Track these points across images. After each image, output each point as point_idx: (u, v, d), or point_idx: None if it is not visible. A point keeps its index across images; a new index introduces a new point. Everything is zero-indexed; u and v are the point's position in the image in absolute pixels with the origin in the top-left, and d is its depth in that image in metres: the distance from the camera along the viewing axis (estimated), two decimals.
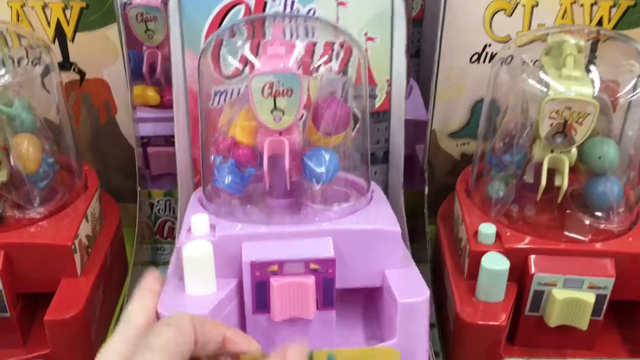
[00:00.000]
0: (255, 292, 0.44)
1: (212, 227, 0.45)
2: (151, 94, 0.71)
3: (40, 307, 0.50)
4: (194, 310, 0.40)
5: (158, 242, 0.70)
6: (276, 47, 0.45)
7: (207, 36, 0.54)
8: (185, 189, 0.59)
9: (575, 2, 0.57)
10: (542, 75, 0.48)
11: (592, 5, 0.57)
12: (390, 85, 0.56)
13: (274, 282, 0.43)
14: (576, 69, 0.48)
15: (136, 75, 0.69)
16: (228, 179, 0.47)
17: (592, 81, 0.47)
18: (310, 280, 0.43)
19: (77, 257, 0.51)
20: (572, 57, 0.48)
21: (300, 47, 0.47)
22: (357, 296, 0.50)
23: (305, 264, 0.43)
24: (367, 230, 0.46)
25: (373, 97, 0.57)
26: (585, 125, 0.47)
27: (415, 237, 0.63)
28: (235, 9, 0.54)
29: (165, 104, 0.71)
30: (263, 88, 0.43)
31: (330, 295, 0.44)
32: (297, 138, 0.45)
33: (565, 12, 0.57)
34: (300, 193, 0.48)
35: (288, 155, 0.45)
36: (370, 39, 0.55)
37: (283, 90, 0.43)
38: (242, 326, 0.45)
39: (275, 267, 0.43)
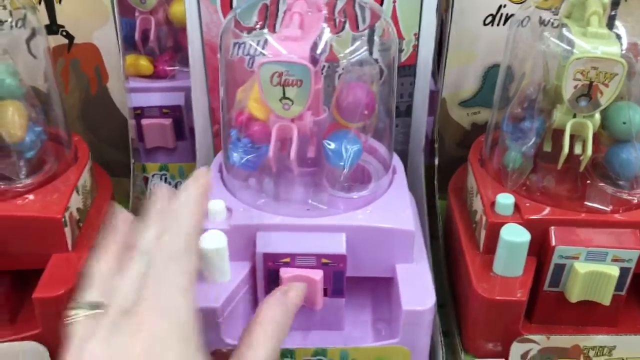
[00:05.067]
0: (268, 279, 0.44)
1: (229, 210, 0.45)
2: (144, 64, 0.67)
3: (29, 285, 0.46)
4: (209, 301, 0.41)
5: None
6: (292, 30, 0.42)
7: None
8: (203, 138, 0.59)
9: None
10: (565, 33, 0.45)
11: None
12: (417, 39, 0.55)
13: (284, 274, 0.43)
14: (601, 27, 0.45)
15: (128, 44, 0.66)
16: (242, 158, 0.46)
17: (619, 39, 0.45)
18: (318, 275, 0.43)
19: (67, 231, 0.47)
20: (596, 15, 0.45)
21: (318, 28, 0.43)
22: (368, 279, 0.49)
23: (316, 258, 0.43)
24: (380, 228, 0.45)
25: (400, 50, 0.55)
26: (612, 86, 0.44)
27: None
28: None
29: (160, 74, 0.68)
30: (272, 77, 0.41)
31: (340, 285, 0.45)
32: (308, 125, 0.44)
33: None
34: (321, 173, 0.47)
35: (295, 144, 0.43)
36: None
37: (292, 81, 0.41)
38: (255, 307, 0.45)
39: (287, 259, 0.43)
